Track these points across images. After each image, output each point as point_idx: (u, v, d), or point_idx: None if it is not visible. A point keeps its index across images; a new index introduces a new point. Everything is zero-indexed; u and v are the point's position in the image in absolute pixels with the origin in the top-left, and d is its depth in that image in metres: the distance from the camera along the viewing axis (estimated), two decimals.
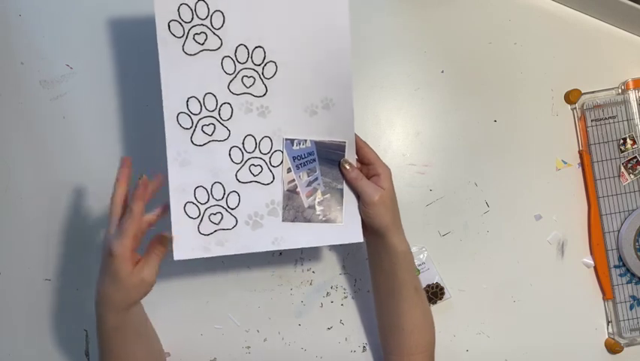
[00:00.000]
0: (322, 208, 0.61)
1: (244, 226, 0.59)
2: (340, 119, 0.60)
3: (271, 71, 0.59)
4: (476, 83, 0.77)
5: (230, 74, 0.58)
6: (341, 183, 0.62)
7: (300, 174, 0.61)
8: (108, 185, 0.74)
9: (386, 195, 0.60)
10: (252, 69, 0.59)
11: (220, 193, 0.59)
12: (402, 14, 0.77)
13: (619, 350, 0.74)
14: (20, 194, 0.74)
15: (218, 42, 0.57)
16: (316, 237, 0.61)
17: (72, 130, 0.74)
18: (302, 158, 0.61)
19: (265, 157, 0.60)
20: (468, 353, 0.75)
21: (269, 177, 0.60)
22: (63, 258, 0.74)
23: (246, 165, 0.60)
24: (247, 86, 0.59)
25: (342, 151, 0.61)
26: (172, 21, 0.56)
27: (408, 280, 0.63)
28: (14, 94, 0.75)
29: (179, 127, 0.58)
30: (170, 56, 0.56)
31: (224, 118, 0.59)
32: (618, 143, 0.75)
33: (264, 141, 0.60)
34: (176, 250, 0.57)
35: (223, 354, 0.74)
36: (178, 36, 0.56)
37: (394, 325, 0.65)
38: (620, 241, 0.75)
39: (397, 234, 0.62)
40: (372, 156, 0.62)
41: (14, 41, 0.75)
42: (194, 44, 0.57)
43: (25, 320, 0.74)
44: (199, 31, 0.57)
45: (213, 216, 0.59)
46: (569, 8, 0.78)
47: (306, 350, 0.75)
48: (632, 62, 0.78)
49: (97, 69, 0.75)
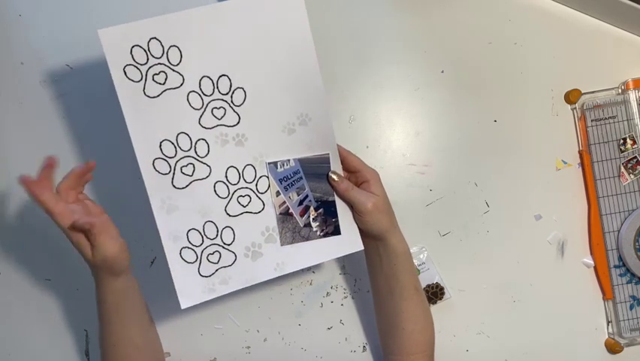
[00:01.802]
0: (318, 224, 0.60)
1: (244, 259, 0.59)
2: (319, 133, 0.59)
3: (240, 97, 0.57)
4: (476, 83, 0.77)
5: (199, 109, 0.56)
6: (332, 195, 0.61)
7: (289, 195, 0.60)
8: (108, 185, 0.74)
9: (379, 200, 0.60)
10: (220, 99, 0.56)
11: (213, 232, 0.58)
12: (402, 14, 0.77)
13: (619, 350, 0.74)
14: (20, 194, 0.74)
15: (180, 79, 0.55)
16: (317, 253, 0.60)
17: (72, 130, 0.74)
18: (288, 178, 0.60)
19: (251, 185, 0.59)
20: (468, 353, 0.75)
21: (259, 205, 0.59)
22: (63, 258, 0.74)
23: (233, 197, 0.58)
24: (218, 118, 0.57)
25: (327, 163, 0.60)
26: (127, 66, 0.54)
27: (408, 280, 0.63)
28: (14, 94, 0.75)
29: (158, 174, 0.56)
30: (133, 102, 0.54)
31: (201, 155, 0.57)
32: (618, 143, 0.75)
33: (247, 170, 0.58)
34: (182, 298, 0.57)
35: (223, 354, 0.74)
36: (136, 80, 0.54)
37: (395, 325, 0.64)
38: (620, 241, 0.75)
39: (395, 235, 0.62)
40: (357, 163, 0.62)
41: (14, 41, 0.75)
42: (155, 86, 0.54)
43: (25, 320, 0.74)
44: (157, 70, 0.54)
45: (211, 256, 0.58)
46: (569, 8, 0.78)
47: (306, 350, 0.75)
48: (632, 62, 0.78)
49: (97, 69, 0.75)
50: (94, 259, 0.55)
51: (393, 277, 0.63)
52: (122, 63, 0.54)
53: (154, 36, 0.54)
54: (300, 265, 0.60)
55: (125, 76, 0.54)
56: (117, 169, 0.74)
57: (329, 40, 0.76)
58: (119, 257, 0.55)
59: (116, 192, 0.74)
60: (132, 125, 0.54)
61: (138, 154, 0.55)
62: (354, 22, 0.76)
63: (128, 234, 0.74)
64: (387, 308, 0.65)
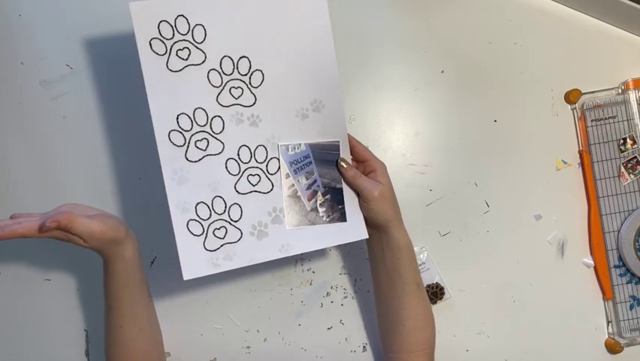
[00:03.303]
0: (325, 209, 0.61)
1: (249, 237, 0.59)
2: (332, 120, 0.61)
3: (258, 79, 0.59)
4: (476, 83, 0.77)
5: (218, 87, 0.58)
6: (340, 182, 0.62)
7: (298, 179, 0.61)
8: (108, 185, 0.75)
9: (385, 189, 0.61)
10: (238, 80, 0.58)
11: (221, 207, 0.59)
12: (402, 14, 0.77)
13: (619, 350, 0.74)
14: (20, 194, 0.74)
15: (202, 56, 0.57)
16: (322, 238, 0.61)
17: (72, 130, 0.74)
18: (298, 162, 0.61)
19: (262, 166, 0.60)
20: (468, 353, 0.75)
21: (268, 186, 0.60)
22: (63, 258, 0.74)
23: (243, 175, 0.60)
24: (236, 97, 0.59)
25: (337, 150, 0.62)
26: (153, 39, 0.56)
27: (410, 276, 0.63)
28: (14, 94, 0.75)
29: (172, 145, 0.57)
30: (155, 74, 0.56)
31: (216, 131, 0.58)
32: (618, 143, 0.75)
33: (259, 150, 0.60)
34: (185, 268, 0.57)
35: (223, 354, 0.74)
36: (161, 54, 0.56)
37: (395, 321, 0.64)
38: (620, 241, 0.75)
39: (399, 227, 0.63)
40: (366, 153, 0.63)
41: (14, 41, 0.75)
42: (178, 60, 0.56)
43: (25, 320, 0.74)
44: (182, 46, 0.56)
45: (217, 231, 0.59)
46: (569, 8, 0.78)
47: (306, 350, 0.75)
48: (632, 62, 0.78)
49: (97, 69, 0.75)
50: (89, 245, 0.56)
51: (395, 272, 0.63)
52: (149, 36, 0.55)
53: (182, 13, 0.56)
54: (304, 249, 0.60)
55: (150, 48, 0.56)
56: (117, 169, 0.74)
57: None
58: (108, 229, 0.56)
59: (116, 193, 0.74)
60: (152, 96, 0.56)
61: (155, 124, 0.56)
62: (354, 23, 0.76)
63: None
64: (388, 304, 0.65)
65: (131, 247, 0.59)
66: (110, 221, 0.57)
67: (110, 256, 0.58)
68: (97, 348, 0.74)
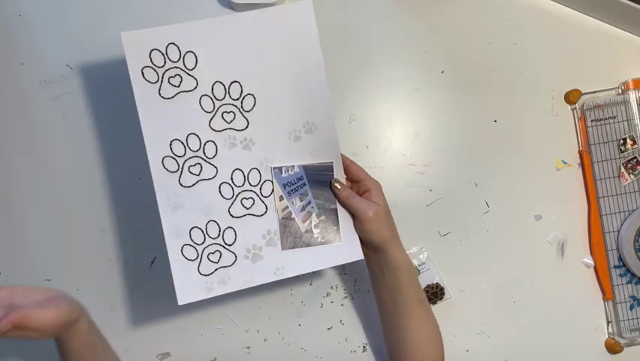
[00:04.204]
0: (319, 230, 0.61)
1: (244, 261, 0.59)
2: (324, 141, 0.61)
3: (250, 103, 0.59)
4: (476, 83, 0.77)
5: (210, 112, 0.58)
6: (334, 203, 0.62)
7: (292, 200, 0.61)
8: (108, 185, 0.75)
9: (380, 209, 0.60)
10: (230, 104, 0.59)
11: (215, 231, 0.59)
12: (402, 14, 0.77)
13: (619, 350, 0.74)
14: (20, 194, 0.74)
15: (194, 82, 0.58)
16: (317, 260, 0.61)
17: (72, 130, 0.74)
18: (292, 184, 0.61)
19: (255, 189, 0.60)
20: (468, 353, 0.75)
21: (262, 208, 0.60)
22: (63, 258, 0.74)
23: (237, 199, 0.60)
24: (228, 122, 0.59)
25: (331, 171, 0.61)
26: (145, 67, 0.56)
27: (411, 294, 0.63)
28: (14, 94, 0.75)
29: (166, 171, 0.58)
30: (148, 102, 0.57)
31: (209, 156, 0.59)
32: (618, 143, 0.75)
33: (253, 173, 0.60)
34: (179, 294, 0.57)
35: (223, 354, 0.74)
36: (153, 82, 0.57)
37: (400, 339, 0.64)
38: (620, 241, 0.75)
39: (396, 247, 0.62)
40: (360, 173, 0.62)
41: (14, 41, 0.75)
42: (170, 88, 0.57)
43: None
44: (173, 74, 0.57)
45: (212, 255, 0.59)
46: (568, 8, 0.78)
47: (306, 350, 0.75)
48: (632, 62, 0.78)
49: (97, 69, 0.75)
50: (45, 336, 0.52)
51: (396, 290, 0.63)
52: (141, 65, 0.56)
53: (172, 41, 0.57)
54: (299, 271, 0.60)
55: (142, 77, 0.57)
56: (118, 169, 0.74)
57: (329, 41, 0.76)
58: (64, 314, 0.52)
59: (116, 193, 0.74)
60: (145, 123, 0.57)
61: (149, 151, 0.57)
62: (354, 23, 0.76)
63: (128, 234, 0.75)
64: (392, 322, 0.65)
65: (86, 320, 0.56)
66: (63, 304, 0.53)
67: (66, 336, 0.55)
68: None
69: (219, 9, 0.75)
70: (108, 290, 0.74)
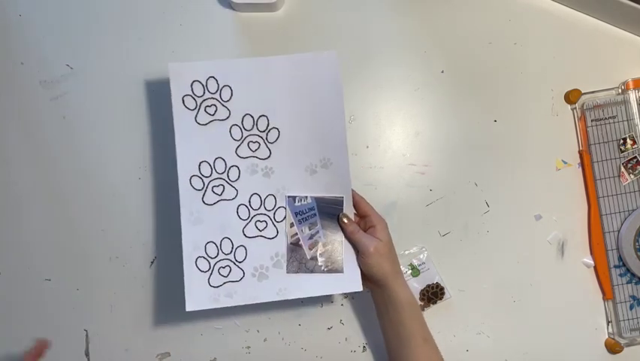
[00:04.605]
0: (324, 259, 0.65)
1: (251, 278, 0.64)
2: (338, 176, 0.65)
3: (274, 136, 0.64)
4: (476, 83, 0.77)
5: (238, 140, 0.64)
6: (341, 235, 0.65)
7: (302, 228, 0.65)
8: (108, 185, 0.75)
9: (382, 245, 0.63)
10: (257, 135, 0.64)
11: (228, 248, 0.64)
12: (402, 14, 0.77)
13: (619, 350, 0.74)
14: (20, 194, 0.74)
15: (227, 112, 0.64)
16: (318, 286, 0.64)
17: (72, 130, 0.74)
18: (303, 213, 0.65)
19: (270, 213, 0.65)
20: (468, 353, 0.75)
21: (273, 232, 0.65)
22: (63, 258, 0.74)
23: (252, 220, 0.64)
24: (253, 150, 0.64)
25: (341, 205, 0.65)
26: (186, 96, 0.63)
27: (415, 330, 0.63)
28: (14, 94, 0.75)
29: (192, 189, 0.63)
30: (184, 126, 0.63)
31: (232, 179, 0.64)
32: (618, 143, 0.75)
33: (269, 199, 0.65)
34: (188, 301, 0.62)
35: (223, 354, 0.74)
36: (191, 108, 0.63)
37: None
38: (620, 241, 0.75)
39: (398, 283, 0.63)
40: (367, 209, 0.65)
41: (14, 41, 0.75)
42: (205, 115, 0.63)
43: (25, 320, 0.74)
44: (210, 103, 0.63)
45: (222, 269, 0.63)
46: (568, 8, 0.78)
47: (306, 350, 0.75)
48: (632, 62, 0.78)
49: (97, 69, 0.75)
50: None
51: (400, 325, 0.64)
52: (183, 92, 0.63)
53: (213, 75, 0.63)
54: (300, 295, 0.64)
55: (182, 103, 0.63)
56: (118, 170, 0.74)
57: (329, 41, 0.76)
58: None
59: (116, 193, 0.74)
60: (180, 144, 0.63)
61: (180, 168, 0.63)
62: (354, 23, 0.76)
63: (128, 234, 0.75)
64: (397, 358, 0.65)
65: None
66: None
67: None
68: (97, 348, 0.74)
69: (219, 9, 0.75)
70: (108, 290, 0.74)
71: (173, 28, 0.75)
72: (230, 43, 0.75)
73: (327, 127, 0.65)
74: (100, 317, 0.74)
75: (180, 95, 0.63)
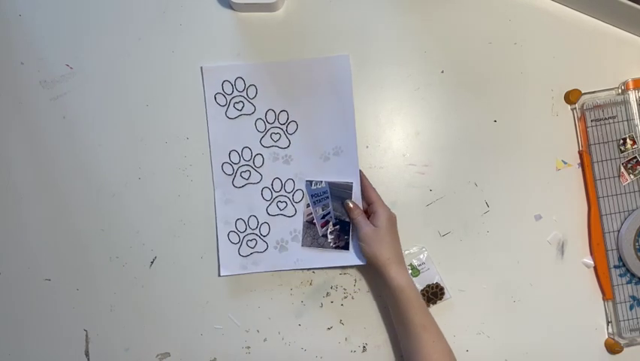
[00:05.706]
0: (333, 237, 0.74)
1: (273, 250, 0.74)
2: (347, 163, 0.73)
3: (293, 128, 0.74)
4: (476, 83, 0.77)
5: (262, 132, 0.74)
6: (348, 217, 0.73)
7: (316, 209, 0.74)
8: (108, 185, 0.75)
9: (373, 231, 0.68)
10: (278, 127, 0.74)
11: (255, 224, 0.74)
12: (402, 14, 0.77)
13: (619, 350, 0.74)
14: (20, 194, 0.74)
15: (253, 108, 0.74)
16: (327, 260, 0.74)
17: (72, 130, 0.74)
18: (318, 195, 0.74)
19: (289, 195, 0.74)
20: (468, 353, 0.75)
21: (292, 211, 0.74)
22: (63, 258, 0.74)
23: (274, 201, 0.74)
24: (274, 141, 0.74)
25: (350, 190, 0.73)
26: (217, 94, 0.74)
27: (415, 317, 0.64)
28: (14, 94, 0.75)
29: (224, 174, 0.74)
30: (216, 120, 0.74)
31: (257, 165, 0.74)
32: (618, 143, 0.75)
33: (289, 183, 0.74)
34: (223, 266, 0.73)
35: (223, 354, 0.74)
36: (222, 105, 0.74)
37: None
38: (620, 241, 0.75)
39: (393, 269, 0.66)
40: (373, 196, 0.71)
41: (14, 41, 0.75)
42: (234, 110, 0.74)
43: (25, 320, 0.74)
44: (238, 100, 0.74)
45: (250, 242, 0.74)
46: (568, 8, 0.78)
47: (306, 350, 0.75)
48: (632, 62, 0.78)
49: (97, 69, 0.75)
50: None
51: (399, 311, 0.66)
52: (214, 91, 0.74)
53: (240, 76, 0.74)
54: (312, 265, 0.74)
55: (214, 100, 0.74)
56: (118, 170, 0.74)
57: (329, 41, 0.76)
58: None
59: (116, 193, 0.74)
60: (213, 136, 0.74)
61: (213, 157, 0.74)
62: (354, 22, 0.76)
63: (128, 234, 0.75)
64: (402, 343, 0.68)
65: None
66: None
67: None
68: (97, 348, 0.74)
69: (219, 9, 0.75)
70: (108, 290, 0.74)
71: (173, 28, 0.75)
72: (230, 43, 0.75)
73: (339, 120, 0.74)
74: (100, 317, 0.74)
75: (213, 93, 0.73)
